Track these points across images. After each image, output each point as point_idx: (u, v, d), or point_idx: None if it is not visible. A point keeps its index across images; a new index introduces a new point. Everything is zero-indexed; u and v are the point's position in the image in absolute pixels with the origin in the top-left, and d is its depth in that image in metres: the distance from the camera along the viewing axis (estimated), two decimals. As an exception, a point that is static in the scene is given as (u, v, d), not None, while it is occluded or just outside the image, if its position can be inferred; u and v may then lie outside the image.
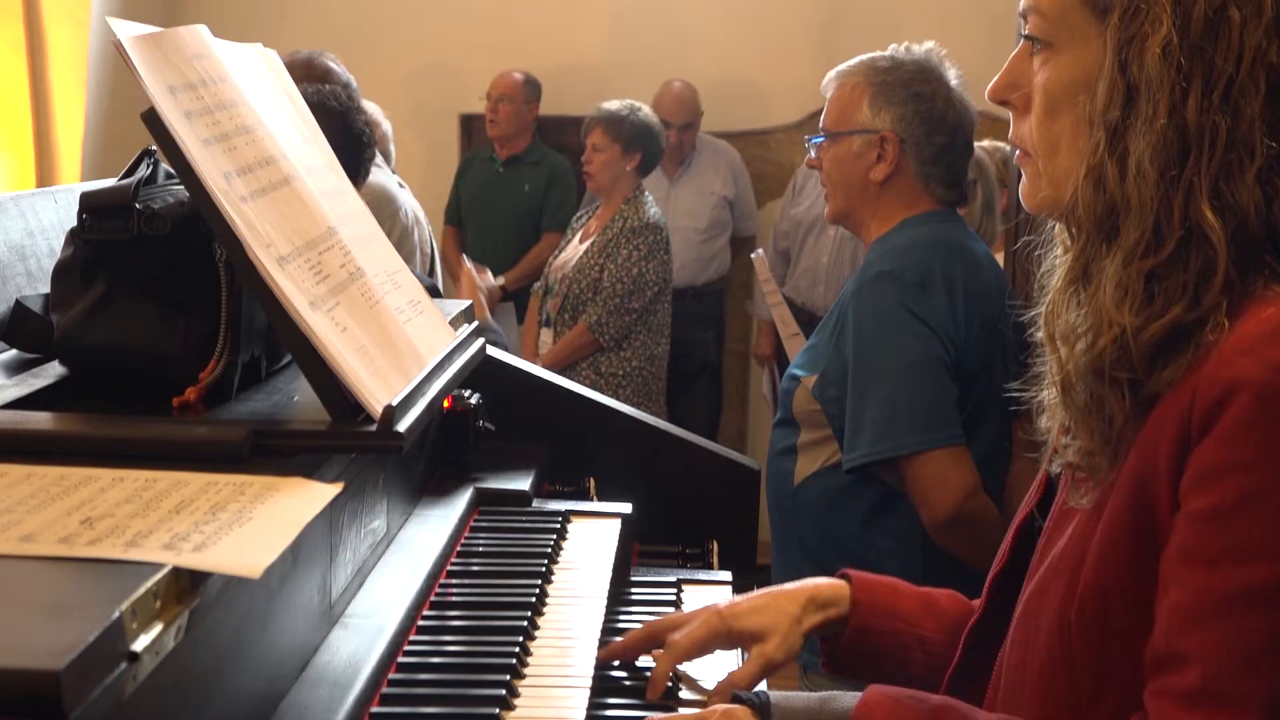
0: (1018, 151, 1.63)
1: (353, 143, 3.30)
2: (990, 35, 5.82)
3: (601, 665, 1.88)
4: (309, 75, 3.94)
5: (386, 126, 5.46)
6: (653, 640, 1.91)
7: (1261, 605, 1.34)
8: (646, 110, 5.98)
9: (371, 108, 5.58)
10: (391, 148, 5.36)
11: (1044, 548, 1.62)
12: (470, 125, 7.64)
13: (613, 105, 5.88)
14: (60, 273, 1.77)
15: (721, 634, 1.88)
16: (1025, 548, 1.71)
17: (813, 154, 3.19)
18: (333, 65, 4.27)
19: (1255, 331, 1.38)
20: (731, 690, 1.78)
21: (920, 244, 3.04)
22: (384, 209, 4.34)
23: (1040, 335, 1.59)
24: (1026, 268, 3.49)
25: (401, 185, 4.88)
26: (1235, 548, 1.34)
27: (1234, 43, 1.41)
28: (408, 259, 3.89)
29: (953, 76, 3.12)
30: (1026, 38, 1.58)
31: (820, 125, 3.18)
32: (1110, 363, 1.45)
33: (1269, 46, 1.41)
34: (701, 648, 1.87)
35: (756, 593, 1.95)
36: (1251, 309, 1.40)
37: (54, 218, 2.11)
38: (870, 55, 3.16)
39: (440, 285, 4.75)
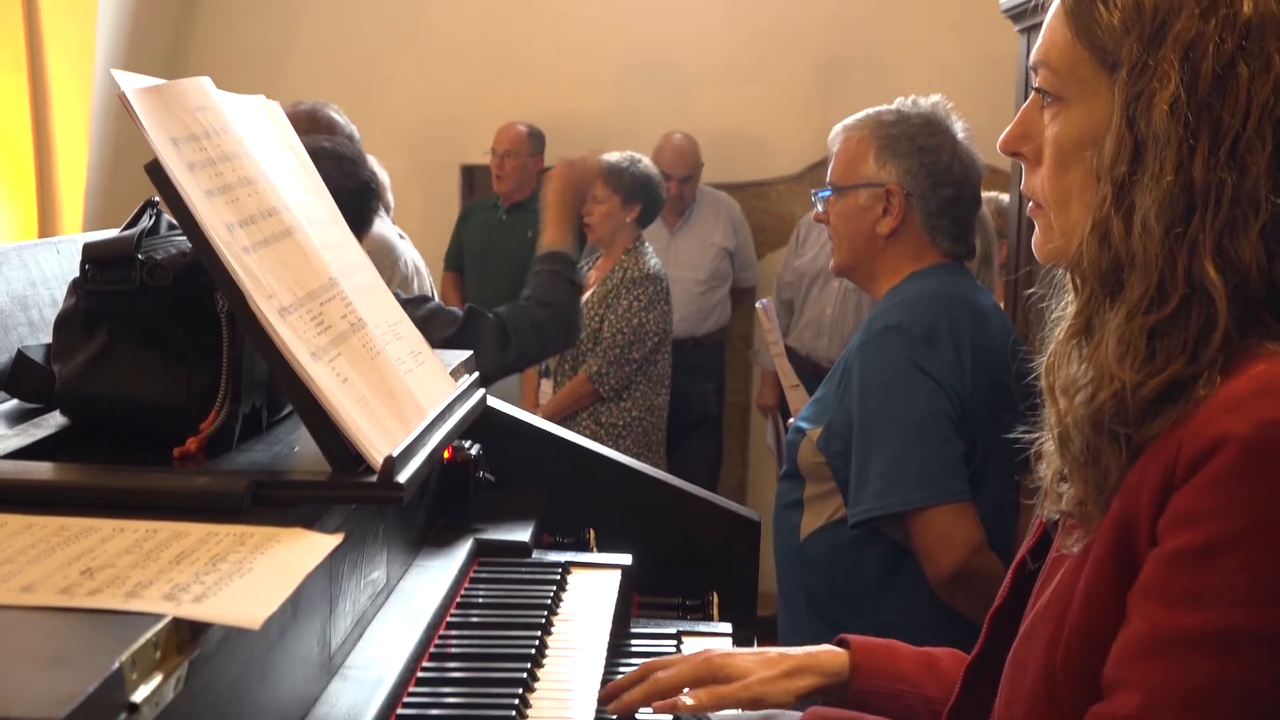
0: (1030, 203, 1.63)
1: (360, 192, 3.31)
2: (989, 87, 5.83)
3: (600, 716, 1.88)
4: (314, 126, 3.96)
5: (384, 176, 5.48)
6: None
7: (1211, 650, 1.35)
8: (646, 162, 6.00)
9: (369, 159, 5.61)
10: (390, 198, 5.39)
11: (1037, 592, 1.63)
12: (471, 176, 7.67)
13: (613, 157, 5.89)
14: (62, 323, 1.77)
15: (707, 677, 1.90)
16: (1022, 588, 1.71)
17: (819, 208, 3.19)
18: (336, 116, 4.30)
19: (1245, 388, 1.38)
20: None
21: (927, 297, 3.02)
22: (384, 258, 4.36)
23: (1041, 385, 1.59)
24: (1029, 318, 3.50)
25: (402, 236, 4.90)
26: (1196, 591, 1.36)
27: (1242, 99, 1.41)
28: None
29: (959, 129, 3.12)
30: (1037, 90, 1.59)
31: (827, 179, 3.19)
32: (1109, 417, 1.45)
33: (1276, 102, 1.42)
34: (685, 685, 1.89)
35: (753, 649, 1.97)
36: (1244, 365, 1.41)
37: (56, 268, 2.12)
38: (876, 109, 3.17)
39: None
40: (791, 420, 3.35)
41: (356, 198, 3.29)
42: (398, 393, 1.80)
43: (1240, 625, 1.34)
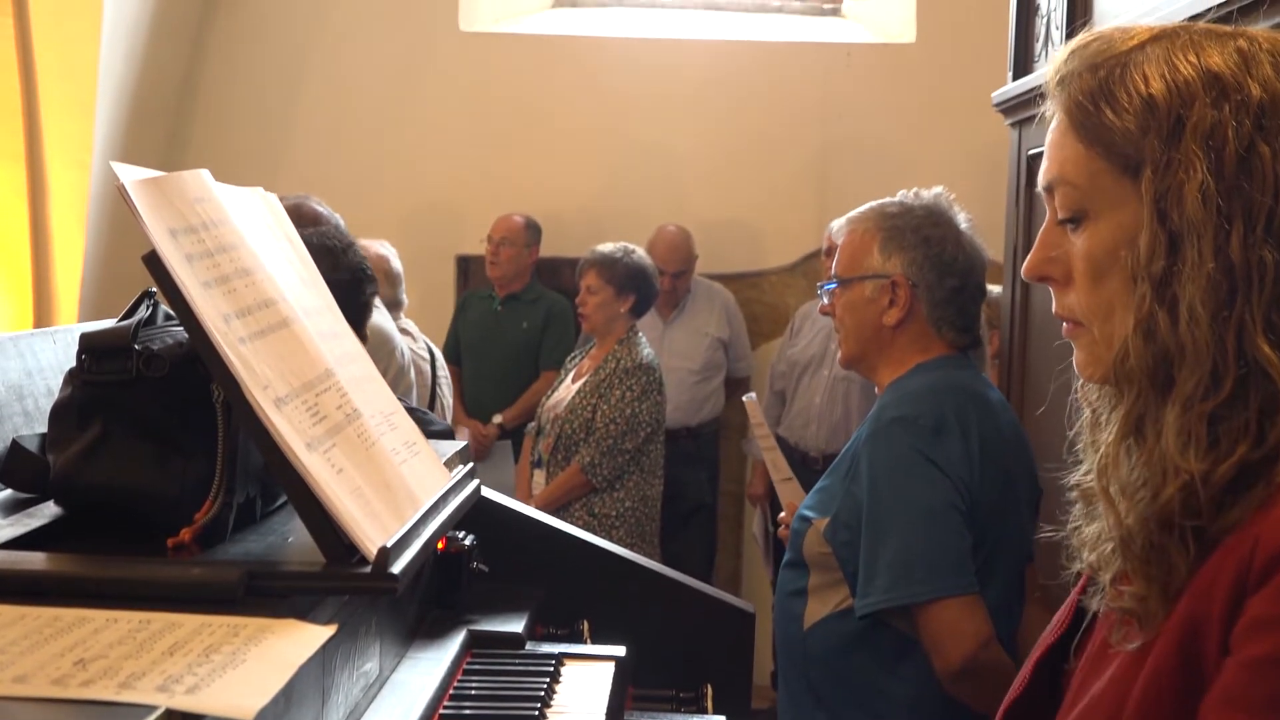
0: (1065, 325, 1.60)
1: (353, 282, 3.32)
2: (984, 181, 5.88)
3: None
4: (298, 220, 3.97)
5: (398, 266, 5.51)
6: None
7: None
8: (640, 252, 6.03)
9: (386, 249, 5.66)
10: (403, 295, 5.44)
11: (1078, 688, 1.58)
12: (467, 266, 7.70)
13: (606, 248, 5.93)
14: (58, 413, 1.78)
15: None
16: (1044, 680, 1.68)
17: (825, 300, 3.21)
18: (319, 209, 4.32)
19: None
20: None
21: (935, 389, 3.03)
22: (381, 349, 4.37)
23: (1089, 489, 1.56)
24: (1021, 411, 3.50)
25: (406, 332, 4.93)
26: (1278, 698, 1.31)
27: (1268, 175, 1.42)
28: (403, 397, 3.91)
29: (962, 220, 3.15)
30: (1062, 221, 1.57)
31: (832, 271, 3.20)
32: (1178, 511, 1.42)
33: None
34: None
35: None
36: None
37: (52, 358, 2.13)
38: (881, 201, 3.19)
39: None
40: (783, 513, 3.35)
41: (351, 287, 3.30)
42: (392, 483, 1.80)
43: None
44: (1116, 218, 1.51)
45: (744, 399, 4.07)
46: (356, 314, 3.33)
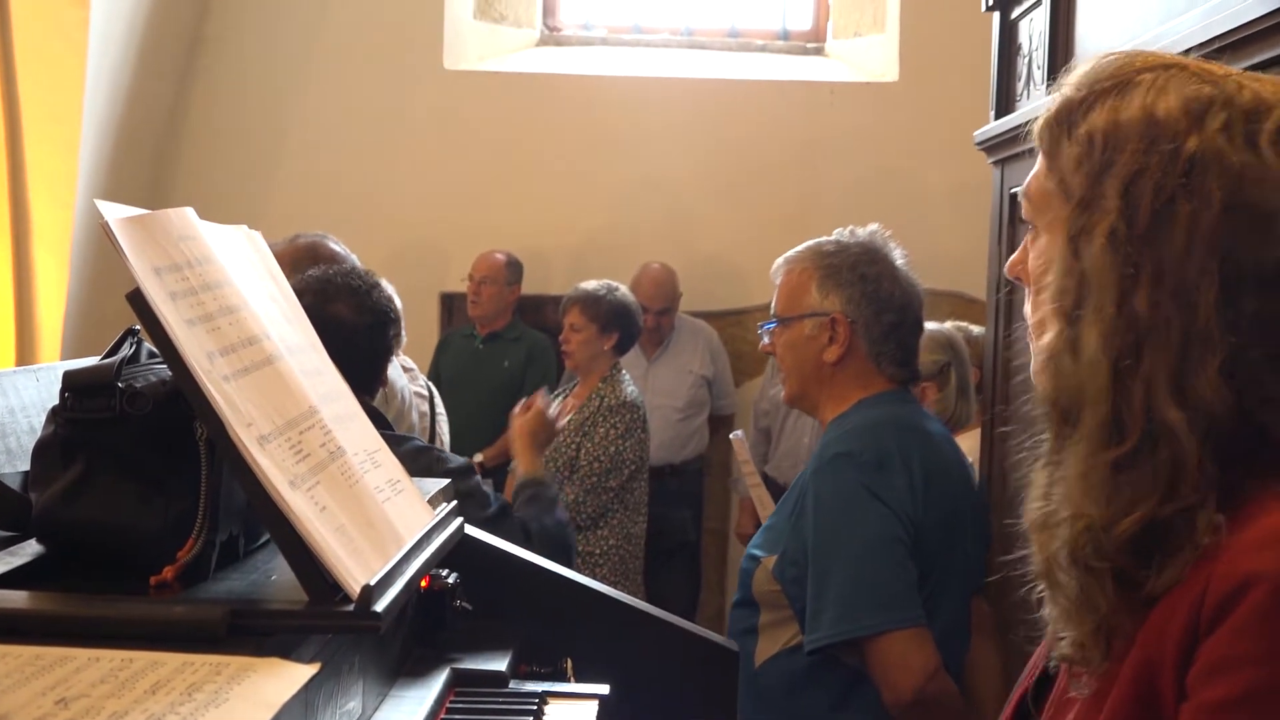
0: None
1: (375, 324, 3.31)
2: (961, 220, 5.90)
3: None
4: (315, 261, 3.95)
5: (398, 303, 5.50)
6: None
7: None
8: (624, 290, 6.04)
9: (386, 287, 5.65)
10: (402, 331, 5.41)
11: None
12: (450, 304, 7.71)
13: (589, 285, 5.94)
14: (40, 450, 1.77)
15: None
16: None
17: (766, 340, 3.24)
18: (336, 248, 4.31)
19: (1274, 525, 1.34)
20: None
21: (877, 424, 3.07)
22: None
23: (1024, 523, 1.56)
24: (1006, 451, 3.51)
25: (407, 369, 4.92)
26: None
27: (1181, 236, 1.40)
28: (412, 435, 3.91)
29: (898, 256, 3.20)
30: (1024, 221, 1.61)
31: (771, 311, 3.24)
32: (1086, 553, 1.41)
33: (1220, 241, 1.39)
34: None
35: None
36: (1268, 503, 1.37)
37: (35, 395, 2.12)
38: (817, 240, 3.25)
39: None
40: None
41: (376, 330, 3.30)
42: (376, 521, 1.80)
43: None
44: (1052, 239, 1.53)
45: (731, 436, 4.08)
46: (380, 356, 3.33)
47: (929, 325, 4.45)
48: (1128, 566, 1.40)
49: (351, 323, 3.16)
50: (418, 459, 3.09)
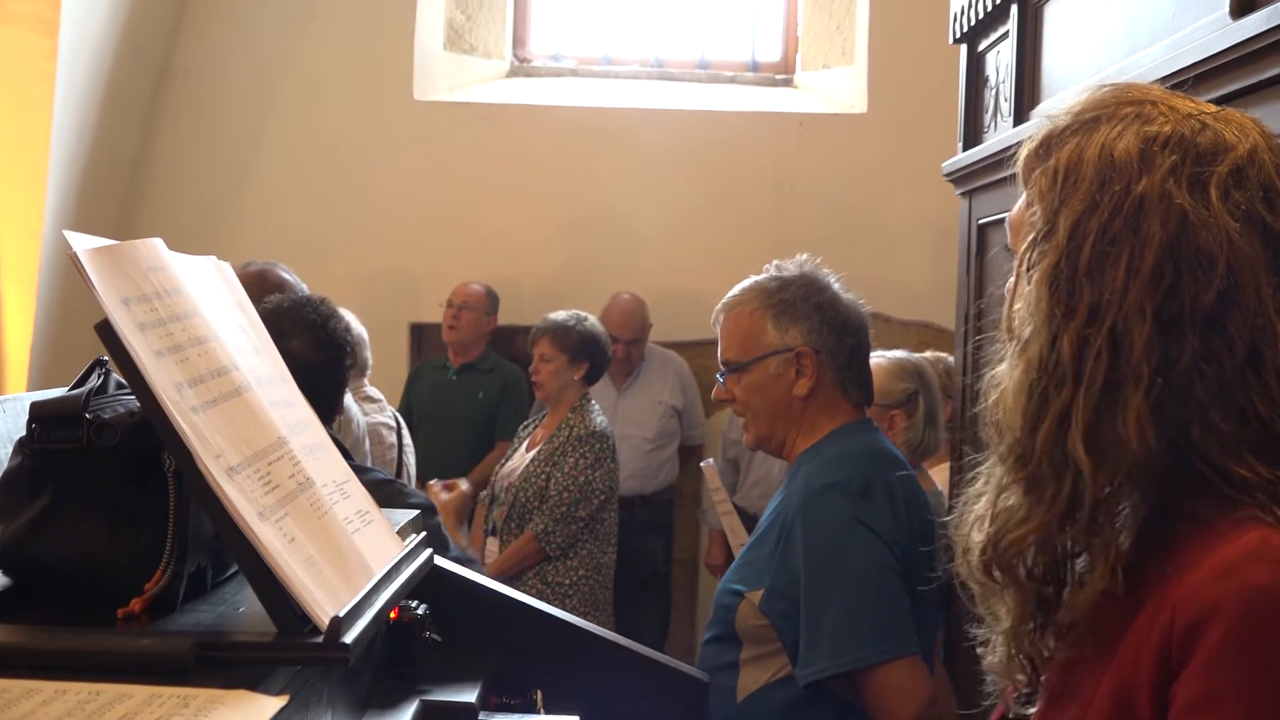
0: None
1: (330, 359, 3.30)
2: (930, 250, 5.93)
3: None
4: (264, 287, 3.95)
5: (361, 331, 5.51)
6: None
7: None
8: (593, 320, 6.04)
9: (346, 314, 5.64)
10: (368, 355, 5.41)
11: None
12: (420, 334, 7.70)
13: (559, 315, 5.94)
14: (7, 482, 1.76)
15: None
16: None
17: (723, 388, 3.23)
18: (286, 276, 4.31)
19: (1234, 553, 1.35)
20: None
21: (854, 453, 3.08)
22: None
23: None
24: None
25: (371, 399, 4.91)
26: None
27: (1121, 276, 1.42)
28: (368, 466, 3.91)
29: (834, 280, 3.20)
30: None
31: (722, 360, 3.23)
32: (988, 559, 1.50)
33: (1159, 283, 1.41)
34: None
35: None
36: (1229, 530, 1.39)
37: (2, 427, 2.11)
38: (751, 280, 3.23)
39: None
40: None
41: (331, 366, 3.29)
42: (345, 552, 1.80)
43: None
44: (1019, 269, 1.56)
45: (702, 465, 4.08)
46: (338, 388, 3.33)
47: (898, 354, 4.48)
48: (1026, 582, 1.47)
49: (309, 359, 3.13)
50: (379, 491, 3.09)
